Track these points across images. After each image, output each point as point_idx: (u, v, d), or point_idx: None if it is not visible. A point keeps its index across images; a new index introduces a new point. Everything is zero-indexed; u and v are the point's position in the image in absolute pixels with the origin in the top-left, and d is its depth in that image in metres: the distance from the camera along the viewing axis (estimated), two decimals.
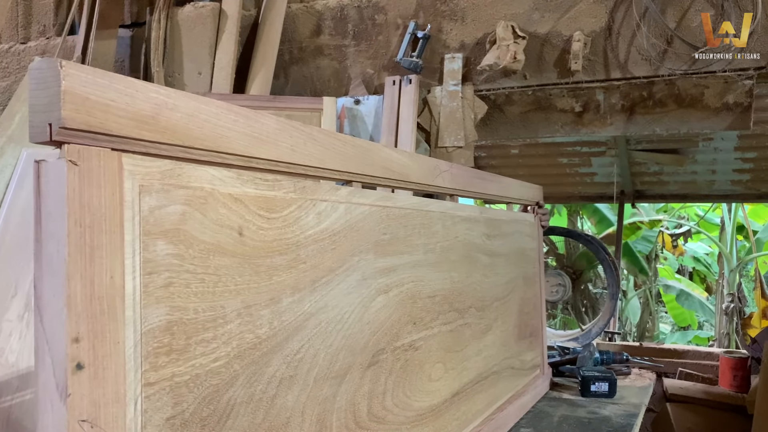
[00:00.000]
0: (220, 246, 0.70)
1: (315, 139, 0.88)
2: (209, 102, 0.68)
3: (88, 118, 0.54)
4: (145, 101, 0.60)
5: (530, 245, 2.00)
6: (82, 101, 0.54)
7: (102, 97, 0.56)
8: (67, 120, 0.53)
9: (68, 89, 0.53)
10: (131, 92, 0.59)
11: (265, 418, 0.79)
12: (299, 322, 0.84)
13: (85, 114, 0.54)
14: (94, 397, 0.57)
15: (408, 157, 1.19)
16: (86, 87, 0.55)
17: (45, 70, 0.53)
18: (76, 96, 0.54)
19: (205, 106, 0.68)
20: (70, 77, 0.53)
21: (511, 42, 2.51)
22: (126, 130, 0.58)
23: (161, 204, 0.63)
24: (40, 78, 0.53)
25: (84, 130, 0.54)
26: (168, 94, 0.63)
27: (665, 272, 7.56)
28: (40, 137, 0.53)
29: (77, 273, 0.54)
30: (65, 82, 0.52)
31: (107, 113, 0.56)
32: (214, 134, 0.69)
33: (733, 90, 2.44)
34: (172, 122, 0.64)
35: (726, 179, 4.02)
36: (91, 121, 0.55)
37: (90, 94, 0.55)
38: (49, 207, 0.53)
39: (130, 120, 0.59)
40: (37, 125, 0.53)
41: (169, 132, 0.63)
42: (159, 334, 0.63)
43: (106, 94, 0.57)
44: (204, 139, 0.68)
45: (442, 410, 1.29)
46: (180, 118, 0.65)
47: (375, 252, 1.03)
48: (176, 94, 0.64)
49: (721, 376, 2.80)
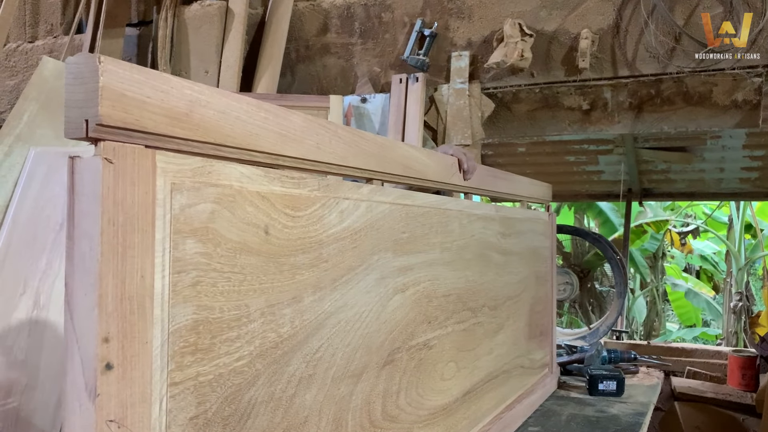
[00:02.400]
0: (246, 244, 0.70)
1: (339, 136, 0.87)
2: (240, 99, 0.67)
3: (124, 115, 0.54)
4: (179, 98, 0.60)
5: (543, 244, 1.99)
6: (119, 98, 0.53)
7: (138, 94, 0.56)
8: (104, 117, 0.52)
9: (106, 85, 0.52)
10: (166, 88, 0.58)
11: (284, 417, 0.78)
12: (319, 321, 0.84)
13: (121, 111, 0.53)
14: (122, 398, 0.57)
15: (426, 155, 1.18)
16: (123, 83, 0.54)
17: (82, 65, 0.52)
18: (114, 92, 0.53)
19: (237, 103, 0.67)
20: (108, 73, 0.52)
21: (518, 40, 2.50)
22: (160, 127, 0.57)
23: (192, 202, 0.63)
24: (77, 72, 0.52)
25: (120, 128, 0.53)
26: (201, 90, 0.62)
27: (672, 271, 7.55)
28: (75, 133, 0.52)
29: (109, 272, 0.54)
30: (103, 77, 0.52)
31: (143, 110, 0.56)
32: (244, 132, 0.68)
33: (742, 87, 2.43)
34: (205, 119, 0.63)
35: (734, 177, 4.00)
36: (127, 118, 0.54)
37: (126, 91, 0.54)
38: (83, 205, 0.53)
39: (164, 117, 0.58)
40: (73, 121, 0.52)
41: (201, 129, 0.63)
42: (185, 333, 0.63)
43: (142, 90, 0.56)
44: (234, 136, 0.67)
45: (453, 409, 1.29)
46: (213, 115, 0.64)
47: (394, 251, 1.03)
48: (209, 91, 0.63)
49: (730, 374, 2.80)
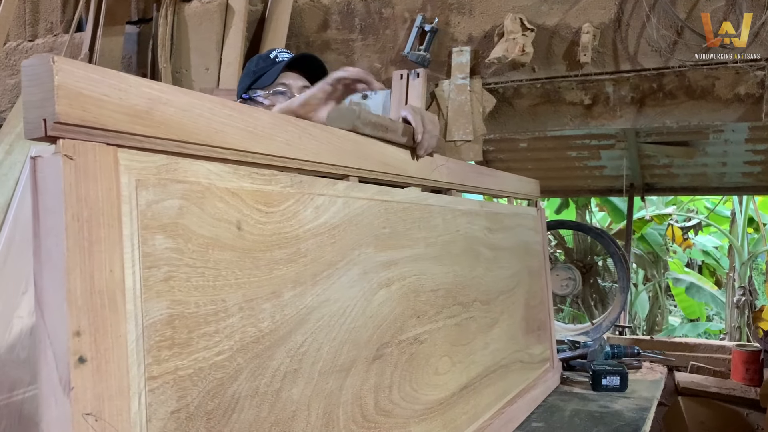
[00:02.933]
0: (218, 240, 0.71)
1: (310, 133, 0.88)
2: (203, 97, 0.68)
3: (82, 113, 0.54)
4: (138, 95, 0.61)
5: (534, 239, 1.99)
6: (76, 96, 0.54)
7: (95, 92, 0.56)
8: (62, 115, 0.53)
9: (61, 84, 0.53)
10: (124, 87, 0.59)
11: (271, 411, 0.79)
12: (302, 316, 0.85)
13: (79, 109, 0.54)
14: (97, 391, 0.57)
15: (404, 151, 1.19)
16: (79, 82, 0.55)
17: (37, 66, 0.53)
18: (70, 91, 0.54)
19: (199, 101, 0.68)
20: (63, 72, 0.53)
21: (519, 35, 2.50)
22: (121, 125, 0.58)
23: (158, 198, 0.63)
24: (32, 74, 0.53)
25: (79, 125, 0.54)
26: (161, 89, 0.63)
27: (675, 266, 7.51)
28: (35, 133, 0.53)
29: (76, 267, 0.55)
30: (58, 77, 0.53)
31: (101, 108, 0.57)
32: (209, 129, 0.69)
33: (745, 81, 2.40)
34: (167, 117, 0.64)
35: (737, 171, 3.97)
36: (85, 116, 0.55)
37: (83, 89, 0.55)
38: (46, 202, 0.54)
39: (124, 115, 0.59)
40: (32, 121, 0.54)
41: (163, 126, 0.63)
42: (161, 327, 0.64)
43: (100, 89, 0.57)
44: (198, 133, 0.68)
45: (450, 404, 1.29)
46: (174, 112, 0.65)
47: (375, 246, 1.03)
48: (169, 89, 0.64)
49: (734, 369, 2.77)
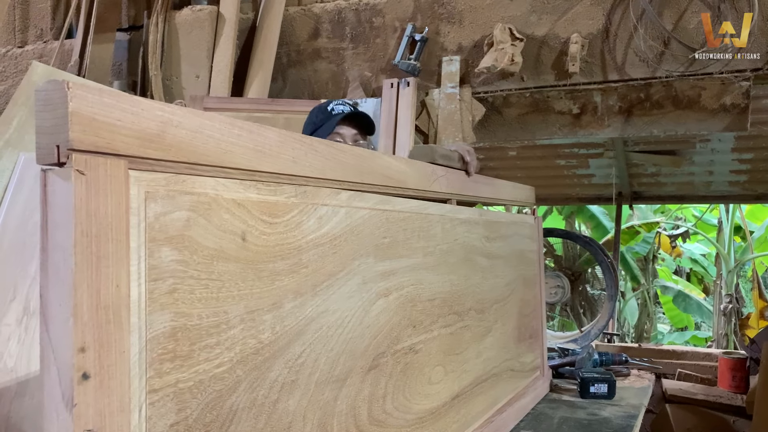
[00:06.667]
0: (223, 251, 0.71)
1: (316, 150, 0.89)
2: (212, 117, 0.68)
3: (95, 139, 0.55)
4: (150, 119, 0.61)
5: (530, 247, 2.00)
6: (89, 122, 0.54)
7: (109, 117, 0.56)
8: (75, 142, 0.53)
9: (75, 111, 0.53)
10: (137, 110, 0.59)
11: (267, 423, 0.79)
12: (301, 327, 0.85)
13: (92, 135, 0.54)
14: (99, 407, 0.57)
15: (405, 164, 1.20)
16: (93, 107, 0.55)
17: (51, 91, 0.53)
18: (83, 117, 0.54)
19: (209, 122, 0.69)
20: (78, 98, 0.53)
21: (508, 44, 2.52)
22: (133, 149, 0.58)
23: (166, 210, 0.64)
24: (46, 99, 0.53)
25: (92, 151, 0.54)
26: (173, 111, 0.64)
27: (663, 273, 7.59)
28: (47, 159, 0.53)
29: (84, 283, 0.55)
30: (72, 103, 0.53)
31: (114, 133, 0.57)
32: (218, 149, 0.70)
33: (730, 91, 2.44)
34: (178, 139, 0.64)
35: (723, 180, 4.03)
36: (98, 142, 0.55)
37: (97, 115, 0.55)
38: (56, 217, 0.54)
39: (136, 139, 0.59)
40: (44, 147, 0.53)
41: (174, 149, 0.64)
42: (163, 340, 0.64)
43: (113, 113, 0.57)
44: (209, 155, 0.68)
45: (441, 413, 1.30)
46: (185, 134, 0.65)
47: (375, 255, 1.04)
48: (181, 111, 0.64)
49: (720, 376, 2.81)
